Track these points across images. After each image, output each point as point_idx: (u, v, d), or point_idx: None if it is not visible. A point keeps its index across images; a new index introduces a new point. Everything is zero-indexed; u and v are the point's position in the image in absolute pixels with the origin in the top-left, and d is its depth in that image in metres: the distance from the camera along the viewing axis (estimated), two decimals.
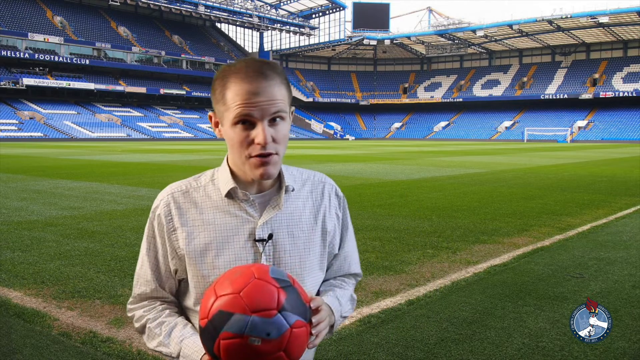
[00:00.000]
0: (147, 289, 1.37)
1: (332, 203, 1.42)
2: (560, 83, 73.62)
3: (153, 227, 1.36)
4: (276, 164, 1.26)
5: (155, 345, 1.32)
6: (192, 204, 1.32)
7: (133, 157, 24.05)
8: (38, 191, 11.15)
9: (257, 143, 1.21)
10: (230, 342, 1.04)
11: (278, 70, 1.25)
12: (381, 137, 77.06)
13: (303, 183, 1.40)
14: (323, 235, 1.38)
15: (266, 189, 1.33)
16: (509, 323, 3.81)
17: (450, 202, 9.81)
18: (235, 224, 1.29)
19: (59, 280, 4.79)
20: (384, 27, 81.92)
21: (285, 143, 1.27)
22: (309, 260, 1.34)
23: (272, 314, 1.04)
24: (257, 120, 1.21)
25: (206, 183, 1.35)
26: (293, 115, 1.35)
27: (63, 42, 62.47)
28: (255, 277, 1.08)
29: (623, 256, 5.82)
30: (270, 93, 1.21)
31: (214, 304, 1.07)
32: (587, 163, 21.71)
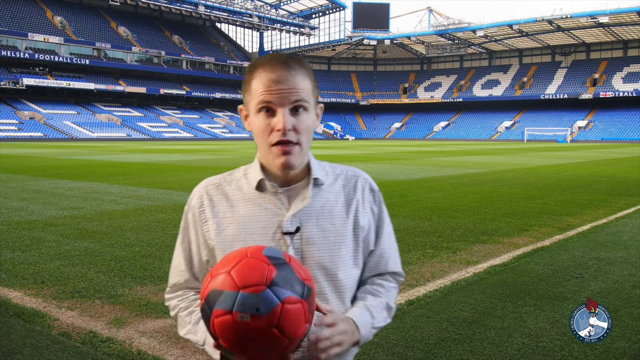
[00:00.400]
0: (180, 279, 1.41)
1: (365, 197, 1.39)
2: (560, 83, 73.62)
3: (187, 219, 1.40)
4: (298, 155, 1.26)
5: (184, 332, 1.35)
6: (223, 196, 1.36)
7: (133, 157, 24.05)
8: (38, 191, 11.15)
9: (277, 130, 1.23)
10: (222, 320, 1.03)
11: (304, 64, 1.28)
12: (381, 137, 77.06)
13: (336, 177, 1.38)
14: (355, 229, 1.35)
15: (295, 182, 1.33)
16: (509, 323, 3.81)
17: (450, 202, 9.81)
18: (264, 216, 1.31)
19: (59, 280, 4.79)
20: (384, 27, 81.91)
21: (308, 134, 1.27)
22: (341, 255, 1.32)
23: (261, 289, 1.03)
24: (278, 107, 1.23)
25: (239, 177, 1.38)
26: (322, 112, 1.36)
27: (63, 42, 62.46)
28: (247, 256, 1.08)
29: (623, 256, 5.82)
30: (292, 82, 1.23)
31: (209, 285, 1.08)
32: (587, 163, 21.71)
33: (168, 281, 1.45)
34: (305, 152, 1.28)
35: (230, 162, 21.04)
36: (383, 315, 1.37)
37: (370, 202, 1.39)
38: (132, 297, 4.35)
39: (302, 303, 1.07)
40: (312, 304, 1.10)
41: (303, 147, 1.26)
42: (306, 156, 1.31)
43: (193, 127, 65.89)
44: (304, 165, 1.33)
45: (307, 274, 1.12)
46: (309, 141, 1.28)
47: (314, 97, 1.29)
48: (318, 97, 1.33)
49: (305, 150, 1.28)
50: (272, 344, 1.04)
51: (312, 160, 1.35)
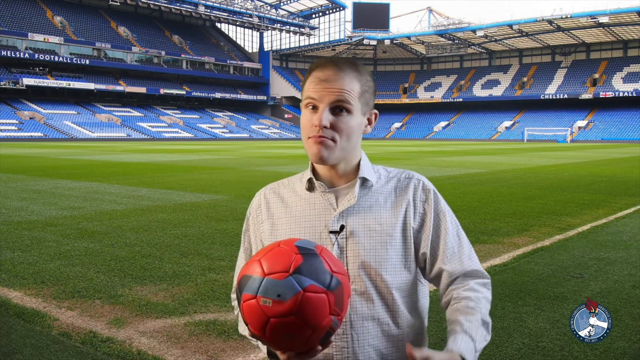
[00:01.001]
0: None
1: (418, 196, 1.37)
2: (560, 83, 73.60)
3: (248, 223, 1.46)
4: (331, 149, 1.26)
5: (241, 330, 1.38)
6: (279, 198, 1.41)
7: (133, 157, 24.04)
8: (38, 191, 11.15)
9: (314, 124, 1.26)
10: (248, 304, 1.08)
11: (357, 68, 1.30)
12: (381, 137, 77.03)
13: (388, 180, 1.39)
14: (405, 230, 1.33)
15: (344, 183, 1.35)
16: (509, 323, 3.81)
17: (450, 202, 9.69)
18: (313, 215, 1.34)
19: (59, 280, 4.79)
20: (384, 27, 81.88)
21: (347, 135, 1.27)
22: (388, 256, 1.30)
23: (284, 276, 1.06)
24: (319, 104, 1.26)
25: (295, 180, 1.43)
26: (376, 119, 1.37)
27: (63, 42, 62.46)
28: (280, 246, 1.13)
29: (623, 256, 5.82)
30: (337, 82, 1.26)
31: (243, 272, 1.13)
32: (587, 163, 21.71)
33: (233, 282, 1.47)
34: (340, 150, 1.28)
35: (230, 162, 21.03)
36: (482, 334, 1.26)
37: (423, 202, 1.37)
38: (132, 297, 4.35)
39: (327, 294, 1.07)
40: (340, 296, 1.10)
41: (338, 145, 1.27)
42: (349, 155, 1.32)
43: (193, 127, 65.89)
44: (353, 167, 1.35)
45: (339, 267, 1.13)
46: (348, 141, 1.28)
47: (361, 101, 1.30)
48: (371, 102, 1.34)
49: (341, 148, 1.28)
50: (294, 331, 1.06)
51: (364, 162, 1.37)
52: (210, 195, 10.67)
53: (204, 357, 3.24)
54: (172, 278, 4.88)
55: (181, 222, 7.69)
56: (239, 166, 18.99)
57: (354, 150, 1.33)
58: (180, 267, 5.26)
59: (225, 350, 3.33)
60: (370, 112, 1.34)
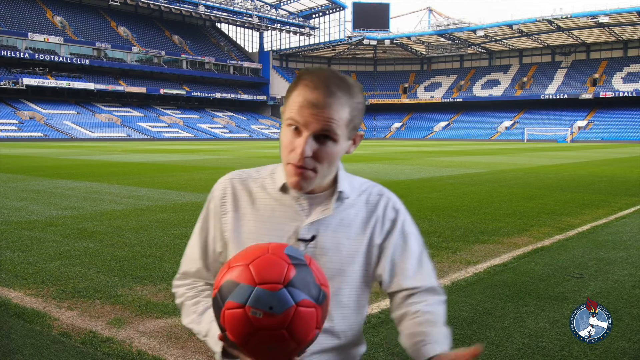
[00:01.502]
0: (192, 267, 1.41)
1: (387, 215, 1.35)
2: (560, 83, 73.61)
3: (208, 209, 1.39)
4: (310, 180, 1.23)
5: (188, 322, 1.35)
6: (246, 192, 1.35)
7: (133, 157, 24.04)
8: (38, 191, 11.14)
9: (296, 152, 1.20)
10: (233, 312, 1.02)
11: (350, 91, 1.22)
12: (381, 137, 77.03)
13: (360, 193, 1.36)
14: (370, 247, 1.33)
15: (319, 192, 1.31)
16: (509, 323, 3.81)
17: (450, 202, 9.80)
18: (282, 218, 1.30)
19: (59, 280, 4.79)
20: (384, 27, 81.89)
21: (330, 163, 1.24)
22: (351, 270, 1.31)
23: (278, 288, 1.01)
24: (303, 130, 1.20)
25: (265, 175, 1.37)
26: (361, 140, 1.31)
27: (63, 42, 62.48)
28: (269, 252, 1.06)
29: (623, 256, 5.81)
30: (326, 109, 1.18)
31: (225, 275, 1.06)
32: (587, 163, 21.71)
33: (179, 267, 1.45)
34: (322, 177, 1.25)
35: (230, 162, 21.04)
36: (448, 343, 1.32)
37: (391, 220, 1.36)
38: (132, 297, 4.35)
39: (316, 308, 1.05)
40: (325, 310, 1.08)
41: (318, 174, 1.23)
42: (324, 179, 1.28)
43: (193, 127, 65.90)
44: (331, 177, 1.30)
45: (324, 280, 1.10)
46: (329, 168, 1.25)
47: (348, 128, 1.23)
48: (358, 124, 1.27)
49: (321, 177, 1.25)
50: (280, 344, 1.03)
51: (340, 172, 1.33)
52: None
53: (204, 357, 3.25)
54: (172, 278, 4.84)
55: (181, 222, 7.69)
56: (239, 166, 18.95)
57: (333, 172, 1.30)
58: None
59: None
60: (357, 135, 1.29)
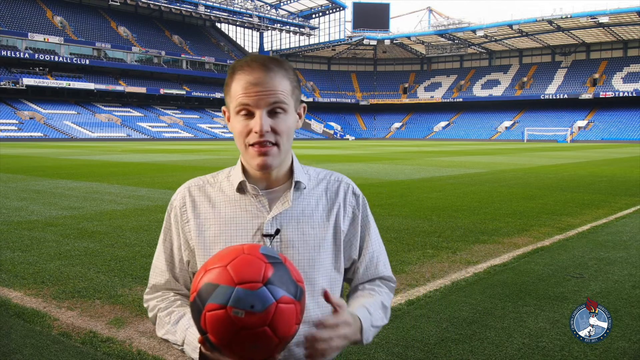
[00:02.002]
0: (161, 279, 1.41)
1: (347, 201, 1.39)
2: (560, 83, 73.61)
3: (169, 219, 1.40)
4: (276, 156, 1.26)
5: (163, 333, 1.34)
6: (205, 197, 1.37)
7: (133, 157, 24.05)
8: (38, 191, 11.15)
9: (255, 131, 1.23)
10: (215, 314, 1.03)
11: (283, 65, 1.28)
12: (381, 137, 77.05)
13: (318, 182, 1.39)
14: (336, 234, 1.35)
15: (276, 185, 1.33)
16: (509, 323, 3.81)
17: (450, 202, 9.80)
18: (244, 218, 1.31)
19: (59, 280, 4.79)
20: (384, 27, 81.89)
21: (288, 135, 1.27)
22: (321, 259, 1.32)
23: (257, 287, 1.03)
24: (255, 109, 1.23)
25: (222, 179, 1.40)
26: (305, 112, 1.36)
27: (63, 42, 62.46)
28: (245, 253, 1.08)
29: (623, 256, 5.82)
30: (270, 84, 1.23)
31: (202, 278, 1.07)
32: (587, 163, 21.71)
33: (148, 281, 1.44)
34: (284, 152, 1.28)
35: (230, 162, 20.97)
36: (380, 315, 1.35)
37: (353, 206, 1.39)
38: (132, 297, 4.35)
39: (295, 304, 1.07)
40: (303, 305, 1.10)
41: (281, 148, 1.26)
42: (286, 157, 1.31)
43: (193, 127, 65.90)
44: (286, 169, 1.34)
45: (299, 276, 1.11)
46: (288, 142, 1.28)
47: (293, 98, 1.28)
48: (300, 97, 1.32)
49: (283, 151, 1.27)
50: (262, 342, 1.04)
51: (295, 163, 1.35)
52: None
53: None
54: None
55: None
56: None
57: (289, 153, 1.33)
58: None
59: None
60: (300, 107, 1.33)
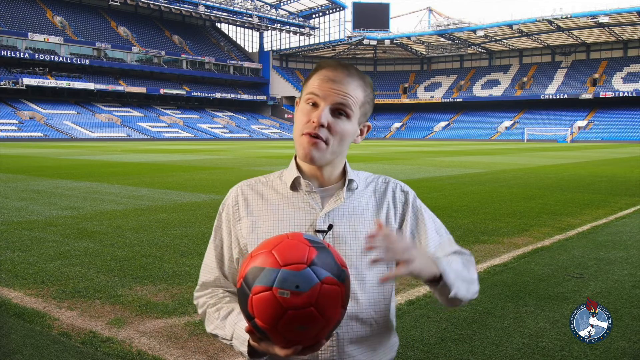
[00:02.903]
0: (210, 276, 1.44)
1: (397, 198, 1.41)
2: (560, 83, 73.59)
3: (221, 218, 1.43)
4: (323, 151, 1.28)
5: (212, 328, 1.36)
6: (258, 195, 1.39)
7: (133, 157, 24.04)
8: (38, 191, 11.14)
9: (312, 121, 1.26)
10: (261, 296, 1.05)
11: (365, 79, 1.34)
12: (381, 137, 77.02)
13: (367, 184, 1.42)
14: None
15: (329, 184, 1.36)
16: (509, 323, 3.81)
17: (450, 202, 9.80)
18: (297, 215, 1.34)
19: (59, 280, 4.79)
20: (384, 27, 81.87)
21: (342, 139, 1.30)
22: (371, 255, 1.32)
23: (302, 267, 1.05)
24: (321, 102, 1.27)
25: (274, 179, 1.42)
26: (368, 132, 1.39)
27: (63, 42, 62.46)
28: (289, 238, 1.11)
29: (623, 256, 5.82)
30: (344, 85, 1.28)
31: (249, 264, 1.10)
32: (587, 163, 21.70)
33: (198, 279, 1.47)
34: (331, 153, 1.30)
35: (230, 162, 21.04)
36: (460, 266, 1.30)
37: (402, 202, 1.41)
38: (132, 297, 4.35)
39: (340, 285, 1.09)
40: (348, 289, 1.12)
41: (330, 148, 1.28)
42: (337, 160, 1.34)
43: (193, 127, 65.89)
44: (339, 171, 1.37)
45: (343, 261, 1.14)
46: (340, 145, 1.30)
47: (361, 111, 1.32)
48: (368, 114, 1.36)
49: (332, 151, 1.30)
50: (309, 323, 1.06)
51: (348, 167, 1.39)
52: (210, 195, 10.67)
53: (204, 357, 3.25)
54: (172, 278, 4.88)
55: (181, 222, 7.69)
56: (238, 166, 18.99)
57: (342, 156, 1.35)
58: (180, 267, 5.26)
59: (225, 350, 3.33)
60: (364, 124, 1.37)
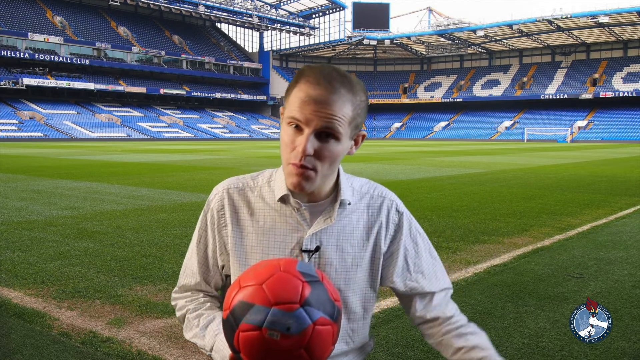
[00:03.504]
0: (191, 281, 1.38)
1: (391, 219, 1.33)
2: (560, 83, 73.60)
3: (206, 220, 1.35)
4: (312, 180, 1.19)
5: (191, 336, 1.31)
6: (245, 202, 1.31)
7: (133, 157, 24.04)
8: (38, 191, 11.14)
9: (298, 151, 1.16)
10: (249, 335, 0.99)
11: (353, 88, 1.18)
12: (381, 137, 77.03)
13: (361, 196, 1.32)
14: (375, 252, 1.31)
15: (319, 199, 1.27)
16: (509, 323, 3.81)
17: (450, 202, 9.80)
18: (284, 230, 1.27)
19: (59, 280, 4.79)
20: (384, 27, 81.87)
21: (331, 163, 1.19)
22: (357, 277, 1.29)
23: (294, 308, 0.99)
24: (305, 128, 1.15)
25: (262, 184, 1.32)
26: (363, 141, 1.28)
27: (63, 42, 62.46)
28: (281, 270, 1.03)
29: (623, 256, 5.82)
30: (328, 106, 1.14)
31: (237, 295, 1.03)
32: (587, 163, 21.70)
33: (178, 280, 1.42)
34: (323, 177, 1.21)
35: (230, 162, 21.04)
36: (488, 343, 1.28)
37: (395, 224, 1.33)
38: (132, 297, 4.35)
39: (332, 325, 1.04)
40: (339, 325, 1.07)
41: (320, 174, 1.19)
42: (326, 180, 1.24)
43: (193, 127, 65.89)
44: (331, 184, 1.27)
45: (337, 294, 1.08)
46: (330, 168, 1.20)
47: (351, 127, 1.19)
48: (361, 124, 1.23)
49: (323, 176, 1.21)
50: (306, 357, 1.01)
51: (342, 178, 1.28)
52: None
53: (204, 357, 3.24)
54: (172, 278, 4.87)
55: (181, 222, 7.69)
56: (238, 166, 19.00)
57: (334, 174, 1.26)
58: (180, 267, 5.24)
59: None
60: (359, 135, 1.25)
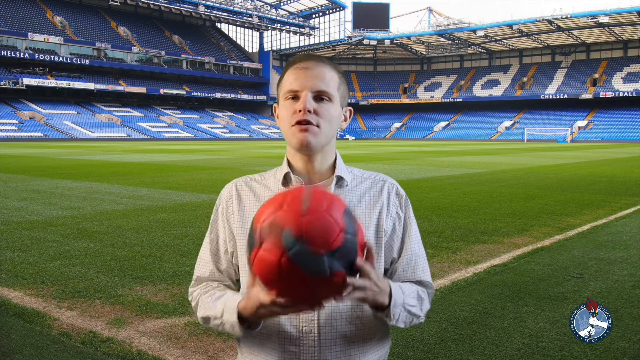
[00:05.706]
0: (205, 271, 1.45)
1: (391, 201, 1.39)
2: (560, 83, 73.59)
3: (217, 212, 1.45)
4: (316, 135, 1.29)
5: (202, 312, 1.35)
6: (251, 191, 1.41)
7: (133, 157, 24.04)
8: (38, 191, 11.14)
9: (299, 110, 1.28)
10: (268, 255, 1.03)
11: (335, 65, 1.36)
12: (381, 137, 77.03)
13: (362, 180, 1.41)
14: (377, 232, 1.36)
15: (319, 180, 1.36)
16: (509, 323, 3.81)
17: (450, 202, 9.80)
18: None
19: (59, 280, 4.79)
20: (384, 27, 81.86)
21: (330, 122, 1.31)
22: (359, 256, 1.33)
23: (320, 252, 1.01)
24: (301, 92, 1.29)
25: (268, 177, 1.43)
26: (351, 116, 1.43)
27: (63, 42, 62.44)
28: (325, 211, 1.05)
29: (623, 256, 5.82)
30: (318, 71, 1.30)
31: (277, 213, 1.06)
32: (587, 163, 21.70)
33: (193, 274, 1.48)
34: (324, 136, 1.31)
35: (230, 162, 21.03)
36: (414, 302, 1.32)
37: (396, 207, 1.40)
38: (132, 297, 4.35)
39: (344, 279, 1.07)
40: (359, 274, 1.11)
41: (322, 131, 1.29)
42: (327, 146, 1.34)
43: (193, 127, 65.88)
44: (329, 164, 1.37)
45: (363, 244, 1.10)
46: (330, 128, 1.31)
47: (339, 93, 1.34)
48: (347, 96, 1.39)
49: (324, 134, 1.30)
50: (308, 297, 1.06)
51: (338, 160, 1.39)
52: (210, 195, 10.67)
53: (204, 357, 3.24)
54: (172, 278, 4.87)
55: (181, 222, 7.69)
56: (238, 166, 18.99)
57: (332, 144, 1.36)
58: (180, 267, 5.26)
59: (225, 350, 3.33)
60: (345, 108, 1.39)
